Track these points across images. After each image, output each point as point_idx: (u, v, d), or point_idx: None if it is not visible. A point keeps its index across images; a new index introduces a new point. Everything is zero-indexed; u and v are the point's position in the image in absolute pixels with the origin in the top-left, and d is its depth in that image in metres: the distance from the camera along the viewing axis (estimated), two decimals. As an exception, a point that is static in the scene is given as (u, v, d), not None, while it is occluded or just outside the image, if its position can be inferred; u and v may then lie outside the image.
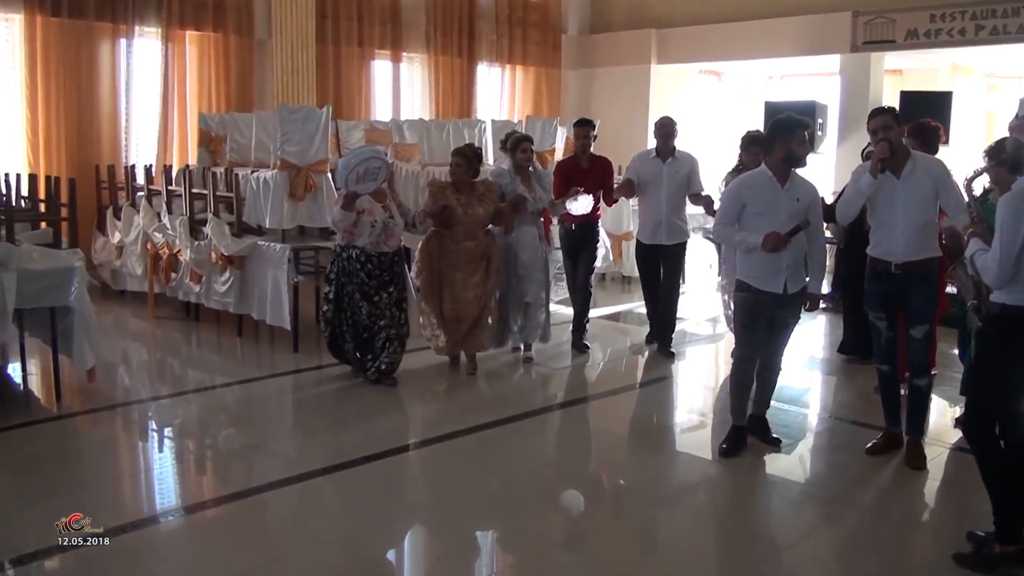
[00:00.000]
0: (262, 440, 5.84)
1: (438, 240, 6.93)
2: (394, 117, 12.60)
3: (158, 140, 11.10)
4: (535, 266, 7.31)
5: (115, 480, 5.21)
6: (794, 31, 12.89)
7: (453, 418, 6.19)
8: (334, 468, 5.17)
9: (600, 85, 15.42)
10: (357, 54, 12.80)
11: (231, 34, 11.53)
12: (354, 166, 6.23)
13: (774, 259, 5.07)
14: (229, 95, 11.56)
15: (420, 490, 5.23)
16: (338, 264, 6.65)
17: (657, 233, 7.61)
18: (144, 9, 10.81)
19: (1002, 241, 3.82)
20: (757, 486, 5.24)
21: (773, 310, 5.19)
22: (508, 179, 7.22)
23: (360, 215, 6.43)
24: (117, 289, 10.16)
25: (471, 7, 13.98)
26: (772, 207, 5.10)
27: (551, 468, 5.57)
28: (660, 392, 7.18)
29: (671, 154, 7.58)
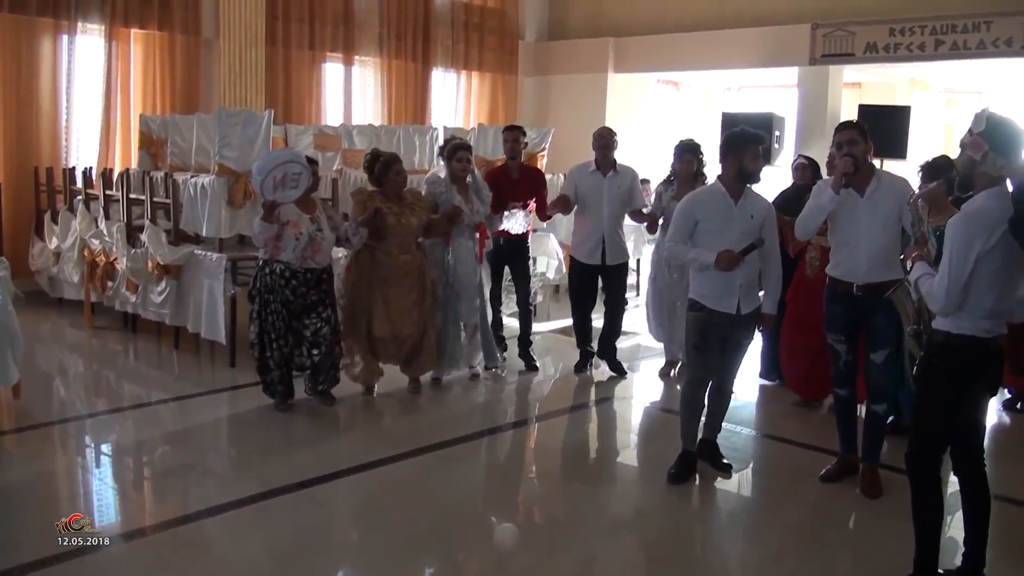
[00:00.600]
0: (189, 465, 5.50)
1: (370, 254, 6.44)
2: (345, 121, 12.32)
3: (100, 142, 10.75)
4: (471, 283, 6.89)
5: (38, 505, 4.88)
6: (753, 43, 12.82)
7: (388, 443, 5.80)
8: (261, 496, 4.86)
9: (557, 92, 15.25)
10: (308, 56, 12.51)
11: (177, 33, 11.18)
12: (270, 170, 5.68)
13: (727, 278, 4.88)
14: (175, 96, 11.21)
15: (348, 522, 4.91)
16: (261, 280, 6.07)
17: (597, 252, 7.12)
18: (87, 5, 10.42)
19: (950, 265, 3.62)
20: (707, 515, 5.04)
21: (726, 331, 4.98)
22: (443, 188, 6.79)
23: (284, 227, 5.88)
24: (55, 297, 9.79)
25: (426, 11, 13.74)
26: (725, 224, 4.91)
27: (486, 498, 5.29)
28: (608, 413, 6.94)
29: (612, 168, 7.12)
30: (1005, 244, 3.59)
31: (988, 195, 3.67)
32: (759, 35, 12.74)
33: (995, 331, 3.74)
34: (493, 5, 14.75)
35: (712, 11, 13.40)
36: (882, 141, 8.34)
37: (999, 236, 3.59)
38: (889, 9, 11.66)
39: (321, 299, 6.13)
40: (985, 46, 11.01)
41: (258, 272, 6.12)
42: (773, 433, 6.31)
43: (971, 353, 3.73)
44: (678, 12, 13.81)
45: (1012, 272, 3.68)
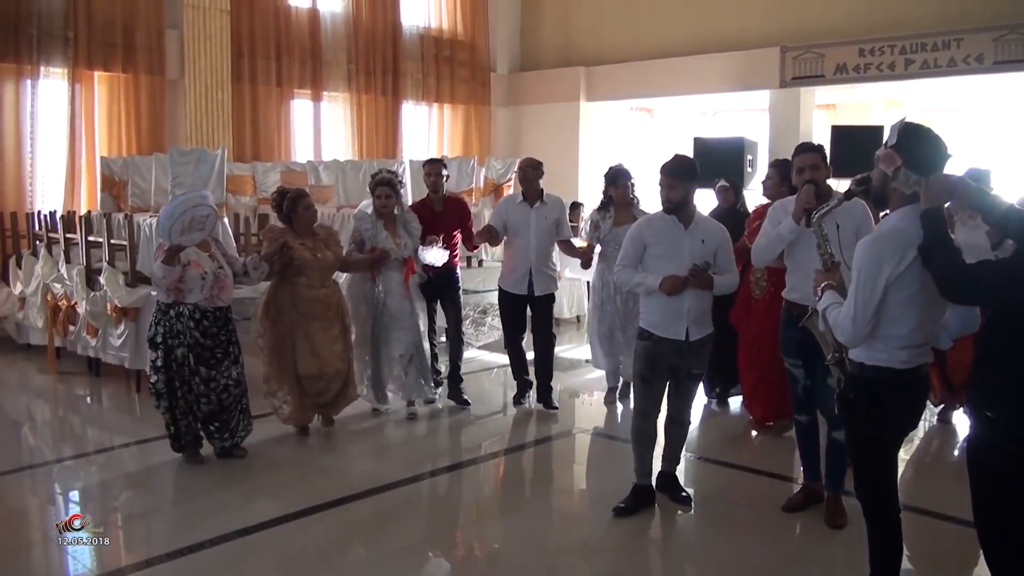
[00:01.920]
0: (150, 509, 5.38)
1: (289, 290, 6.28)
2: (315, 158, 12.27)
3: (65, 185, 10.66)
4: (402, 314, 6.81)
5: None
6: (723, 67, 12.83)
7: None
8: (210, 543, 4.70)
9: (530, 122, 15.27)
10: (276, 93, 12.49)
11: (142, 74, 11.15)
12: (179, 215, 5.42)
13: (674, 303, 4.77)
14: (140, 137, 11.16)
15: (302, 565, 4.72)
16: (164, 325, 5.72)
17: (523, 283, 7.05)
18: (50, 49, 10.40)
19: (857, 293, 3.37)
20: (667, 550, 4.89)
21: (674, 359, 4.86)
22: (369, 224, 6.73)
23: (186, 268, 5.62)
24: (21, 343, 9.65)
25: (395, 46, 13.75)
26: (675, 249, 4.81)
27: (416, 549, 4.94)
28: (553, 449, 6.68)
29: (539, 198, 7.06)
30: (919, 268, 3.31)
31: (900, 215, 3.39)
32: (729, 60, 12.75)
33: (914, 361, 3.47)
34: (463, 38, 14.78)
35: (681, 38, 13.43)
36: (856, 162, 8.25)
37: (911, 260, 3.32)
38: (858, 29, 11.67)
39: (229, 338, 5.92)
40: (956, 63, 11.01)
41: (160, 316, 5.78)
42: (734, 462, 6.15)
43: (887, 386, 3.47)
44: (648, 40, 13.83)
45: (929, 298, 3.37)
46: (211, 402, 5.80)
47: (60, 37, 10.45)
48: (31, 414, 7.95)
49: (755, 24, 12.72)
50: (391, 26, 13.73)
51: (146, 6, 11.12)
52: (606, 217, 7.05)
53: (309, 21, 12.87)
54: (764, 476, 5.77)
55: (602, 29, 14.65)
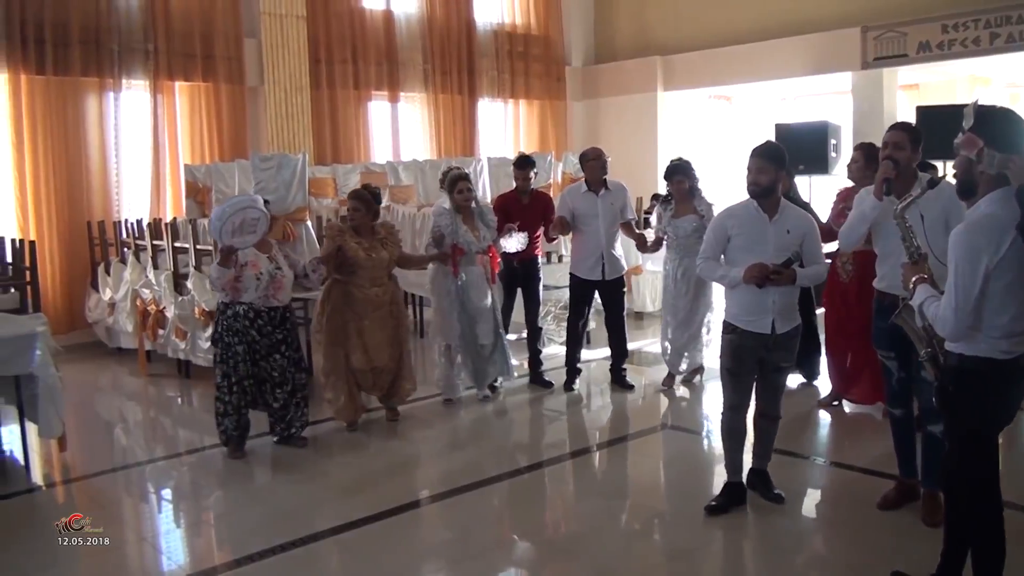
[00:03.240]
0: (239, 509, 5.45)
1: (342, 289, 6.51)
2: (394, 158, 12.34)
3: (150, 193, 10.92)
4: (484, 306, 7.18)
5: (84, 556, 4.86)
6: (802, 50, 12.52)
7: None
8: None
9: (607, 115, 15.14)
10: (353, 96, 12.61)
11: (222, 83, 11.35)
12: (228, 216, 5.70)
13: (760, 296, 4.64)
14: (222, 144, 11.36)
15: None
16: (223, 323, 6.03)
17: (596, 268, 7.39)
18: (131, 62, 10.66)
19: (958, 285, 3.25)
20: (760, 549, 4.75)
21: (761, 353, 4.74)
22: (448, 219, 6.98)
23: (243, 268, 5.88)
24: (112, 347, 9.92)
25: (470, 44, 13.77)
26: (759, 240, 4.68)
27: (507, 543, 4.99)
28: (649, 444, 6.62)
29: (603, 186, 7.38)
30: (1016, 253, 3.20)
31: (990, 200, 3.28)
32: (808, 42, 12.44)
33: (1015, 351, 3.35)
34: (537, 32, 14.72)
35: (759, 22, 13.14)
36: (944, 143, 7.97)
37: (1008, 245, 3.20)
38: (940, 5, 11.25)
39: (285, 337, 6.14)
40: (1044, 36, 10.56)
41: (220, 315, 6.08)
42: (827, 457, 6.02)
43: (988, 377, 3.36)
44: (724, 26, 13.59)
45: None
46: (269, 394, 6.13)
47: (140, 50, 10.72)
48: (123, 416, 8.19)
49: (834, 4, 12.36)
50: (465, 24, 13.76)
51: (224, 16, 11.33)
52: (667, 209, 7.42)
53: (384, 23, 12.96)
54: (857, 472, 5.58)
55: (677, 17, 14.45)
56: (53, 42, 10.05)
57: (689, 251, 7.19)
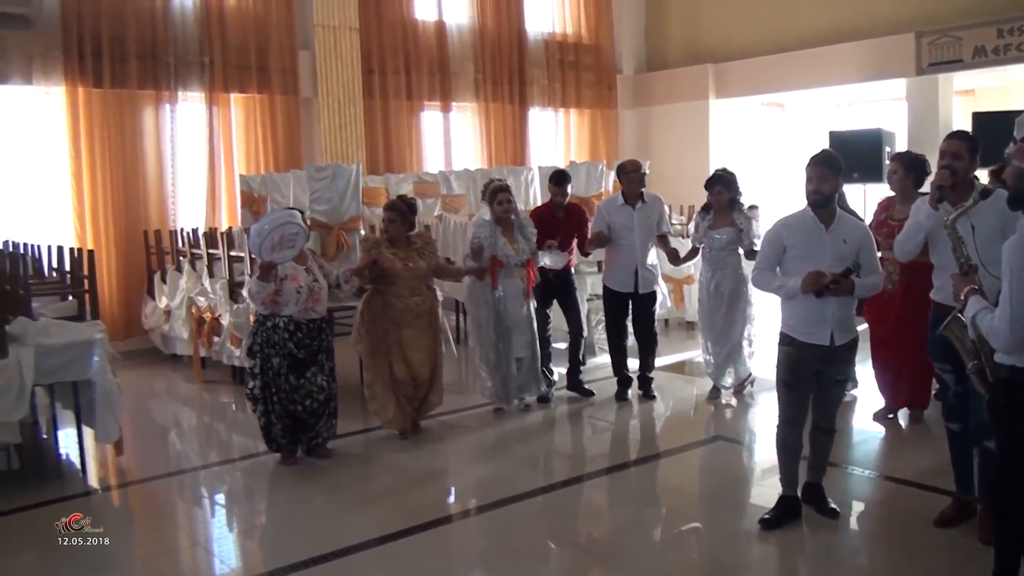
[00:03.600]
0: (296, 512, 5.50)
1: (381, 299, 6.53)
2: (445, 167, 12.42)
3: (206, 203, 11.11)
4: (520, 318, 7.17)
5: (140, 559, 4.99)
6: (856, 56, 12.36)
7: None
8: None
9: (658, 123, 15.07)
10: (406, 106, 12.70)
11: (276, 94, 11.51)
12: (268, 232, 5.68)
13: (818, 306, 4.57)
14: (276, 155, 11.52)
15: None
16: (261, 335, 6.03)
17: (629, 281, 7.40)
18: (187, 75, 10.86)
19: (1013, 296, 3.19)
20: (814, 567, 4.68)
21: (818, 365, 4.67)
22: (488, 231, 6.99)
23: (283, 282, 5.91)
24: (168, 353, 10.08)
25: (520, 53, 13.80)
26: (815, 250, 4.62)
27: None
28: (700, 455, 6.54)
29: (640, 199, 7.36)
30: None
31: None
32: (861, 48, 12.28)
33: None
34: (588, 41, 14.71)
35: (811, 28, 13.01)
36: (1000, 150, 7.83)
37: None
38: (995, 9, 11.04)
39: (321, 348, 6.17)
40: (1101, 38, 10.33)
41: (257, 328, 6.09)
42: (881, 472, 5.89)
43: None
44: (776, 32, 13.47)
45: None
46: (298, 407, 6.08)
47: (196, 63, 10.91)
48: (178, 421, 8.32)
49: (887, 9, 12.20)
50: (516, 34, 13.79)
51: (278, 29, 11.49)
52: (705, 219, 7.32)
53: (436, 34, 13.04)
54: (913, 487, 5.46)
55: (729, 24, 14.34)
56: (110, 56, 10.27)
57: (723, 264, 7.24)
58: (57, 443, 6.95)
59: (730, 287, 7.28)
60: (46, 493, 5.89)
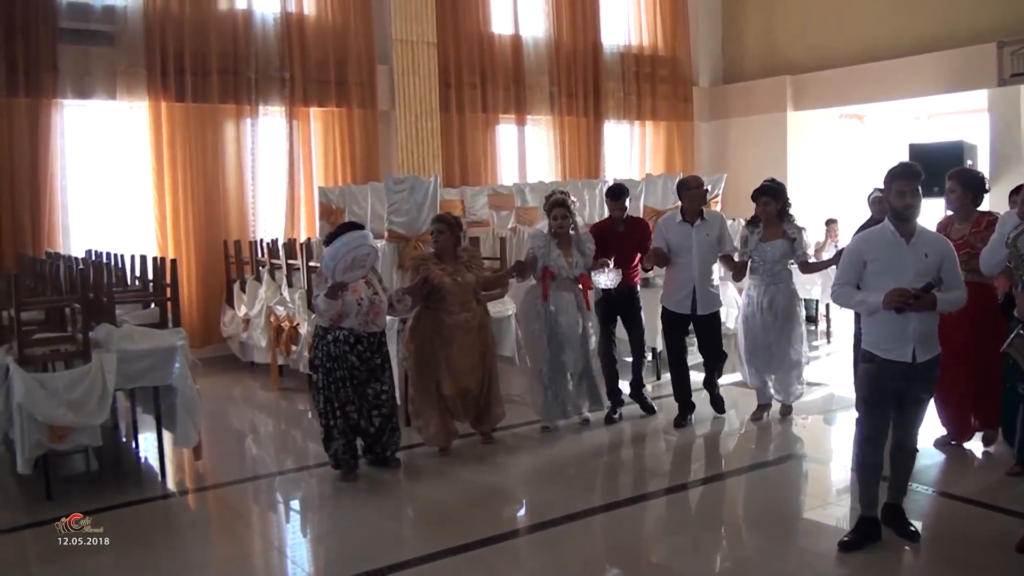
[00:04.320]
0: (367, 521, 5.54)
1: (432, 316, 6.50)
2: (520, 180, 12.46)
3: (285, 214, 11.32)
4: (573, 333, 7.00)
5: (217, 562, 5.10)
6: (936, 67, 12.12)
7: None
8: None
9: (734, 136, 14.95)
10: (481, 120, 12.83)
11: (355, 108, 11.70)
12: (342, 256, 5.70)
13: (899, 323, 4.46)
14: (354, 167, 11.71)
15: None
16: (323, 348, 6.01)
17: (687, 302, 7.11)
18: (268, 90, 11.13)
19: None
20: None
21: (900, 383, 4.55)
22: (542, 242, 6.92)
23: (345, 294, 5.88)
24: (245, 361, 10.27)
25: (596, 66, 13.82)
26: (896, 264, 4.51)
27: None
28: (765, 476, 6.35)
29: (699, 216, 7.10)
30: None
31: None
32: (942, 59, 12.04)
33: None
34: (664, 53, 14.66)
35: (891, 38, 12.78)
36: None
37: None
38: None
39: (382, 363, 6.16)
40: None
41: (318, 341, 6.06)
42: (961, 494, 5.67)
43: None
44: (856, 43, 13.26)
45: None
46: (362, 421, 6.10)
47: (277, 79, 11.18)
48: (255, 427, 8.48)
49: (968, 19, 11.93)
50: (592, 46, 13.81)
51: (357, 44, 11.68)
52: (755, 232, 7.03)
53: (512, 47, 13.15)
54: (995, 511, 5.27)
55: (807, 35, 14.18)
56: (192, 71, 10.57)
57: (776, 278, 6.97)
58: (137, 446, 7.15)
59: (784, 303, 7.01)
60: (126, 495, 6.05)
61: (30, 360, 5.81)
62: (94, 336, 6.05)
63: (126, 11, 10.27)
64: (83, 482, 6.50)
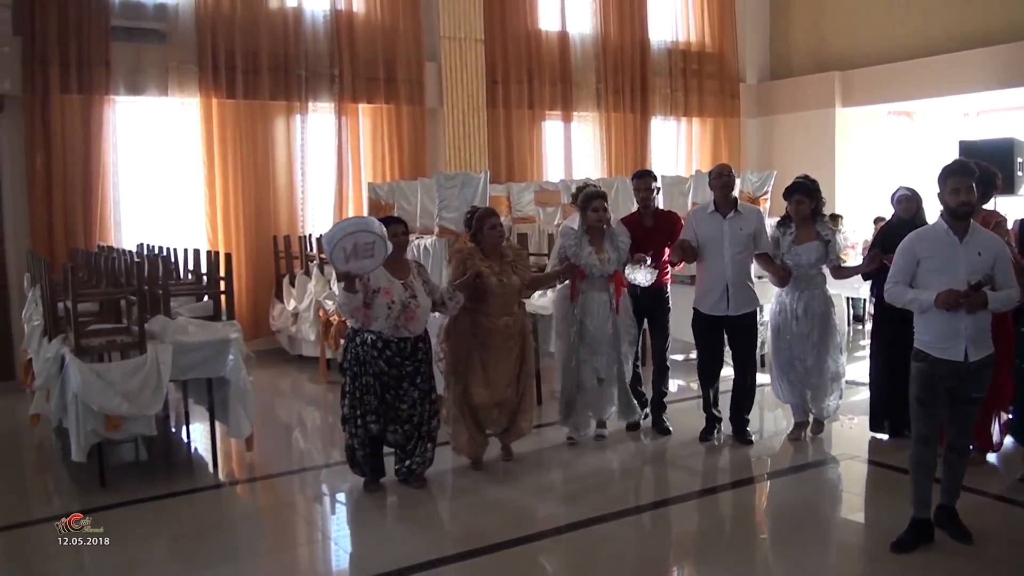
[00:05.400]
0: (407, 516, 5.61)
1: (470, 318, 6.01)
2: (566, 177, 12.47)
3: (334, 209, 11.42)
4: (604, 336, 6.51)
5: (263, 552, 5.18)
6: (988, 63, 11.95)
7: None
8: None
9: (782, 132, 14.84)
10: (528, 116, 12.85)
11: (403, 104, 11.78)
12: (337, 240, 5.19)
13: (951, 321, 4.43)
14: (402, 163, 11.79)
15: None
16: (351, 351, 5.65)
17: (720, 302, 6.49)
18: (317, 86, 11.25)
19: None
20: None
21: (952, 382, 4.52)
22: (573, 240, 6.44)
23: (375, 295, 5.47)
24: (294, 354, 10.42)
25: (643, 62, 13.78)
26: (950, 262, 4.48)
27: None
28: (812, 477, 6.26)
29: (732, 208, 6.51)
30: None
31: None
32: (994, 54, 11.88)
33: None
34: (711, 50, 14.58)
35: (942, 34, 12.63)
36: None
37: None
38: None
39: (417, 368, 5.71)
40: None
41: (348, 343, 5.72)
42: (1016, 497, 5.58)
43: None
44: (905, 38, 13.11)
45: None
46: (383, 429, 5.70)
47: (326, 76, 11.30)
48: (302, 420, 8.60)
49: (1019, 14, 11.76)
50: (639, 43, 13.78)
51: (406, 42, 11.77)
52: (787, 233, 6.48)
53: (559, 44, 13.16)
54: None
55: (856, 30, 14.04)
56: (243, 69, 10.72)
57: (811, 283, 6.48)
58: (189, 437, 7.28)
59: (821, 309, 6.50)
60: (177, 484, 6.18)
61: (86, 351, 5.95)
62: (149, 328, 6.18)
63: (177, 9, 10.44)
64: (134, 471, 6.64)
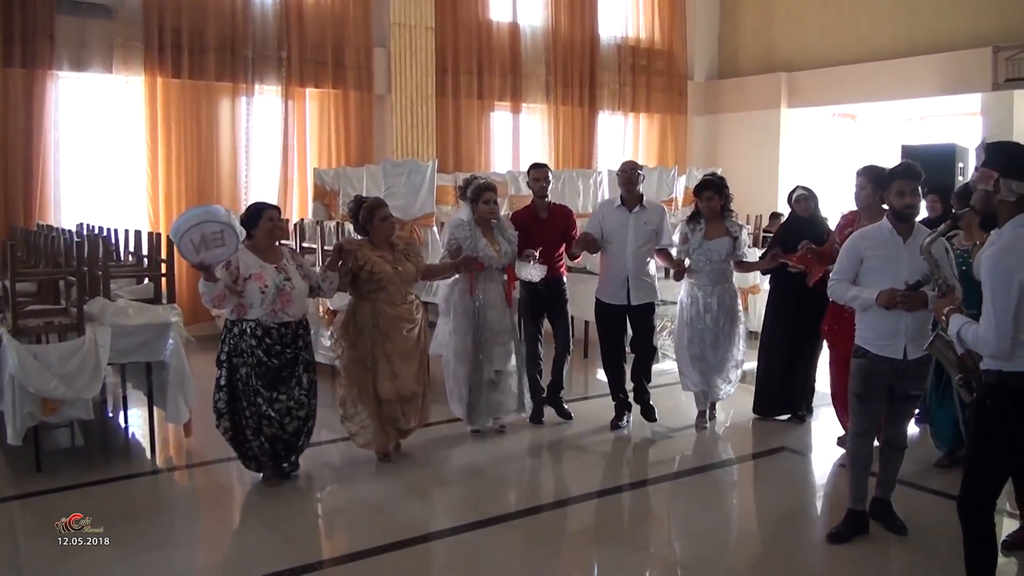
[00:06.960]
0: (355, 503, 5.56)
1: (370, 307, 5.87)
2: (514, 168, 12.48)
3: (278, 195, 11.28)
4: (503, 327, 6.55)
5: (203, 540, 5.12)
6: (931, 70, 12.24)
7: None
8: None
9: (728, 131, 15.02)
10: (477, 106, 12.85)
11: (351, 90, 11.70)
12: (183, 233, 5.01)
13: (891, 319, 4.52)
14: (349, 149, 11.70)
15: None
16: (229, 343, 5.43)
17: (620, 292, 6.71)
18: (264, 69, 11.12)
19: (995, 305, 3.37)
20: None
21: (891, 379, 4.61)
22: (467, 232, 6.39)
23: (247, 281, 5.30)
24: (234, 341, 10.23)
25: (592, 57, 13.86)
26: (893, 262, 4.56)
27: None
28: (762, 469, 6.36)
29: (638, 203, 6.72)
30: None
31: (1015, 223, 3.45)
32: (937, 62, 12.17)
33: None
34: (660, 47, 14.71)
35: (887, 39, 12.89)
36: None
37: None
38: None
39: (297, 356, 5.55)
40: None
41: (225, 335, 5.49)
42: (944, 490, 5.58)
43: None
44: (852, 43, 13.36)
45: None
46: (272, 424, 5.50)
47: (274, 58, 11.18)
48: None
49: (965, 24, 12.05)
50: (589, 37, 13.87)
51: (355, 27, 11.68)
52: (696, 229, 6.66)
53: (510, 35, 13.18)
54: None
55: (804, 33, 14.26)
56: (190, 48, 10.56)
57: (722, 277, 6.67)
58: (127, 422, 7.14)
59: (730, 303, 6.72)
60: (114, 470, 6.08)
61: (23, 332, 5.80)
62: (88, 310, 6.03)
63: (125, -16, 10.21)
64: (70, 456, 6.47)
